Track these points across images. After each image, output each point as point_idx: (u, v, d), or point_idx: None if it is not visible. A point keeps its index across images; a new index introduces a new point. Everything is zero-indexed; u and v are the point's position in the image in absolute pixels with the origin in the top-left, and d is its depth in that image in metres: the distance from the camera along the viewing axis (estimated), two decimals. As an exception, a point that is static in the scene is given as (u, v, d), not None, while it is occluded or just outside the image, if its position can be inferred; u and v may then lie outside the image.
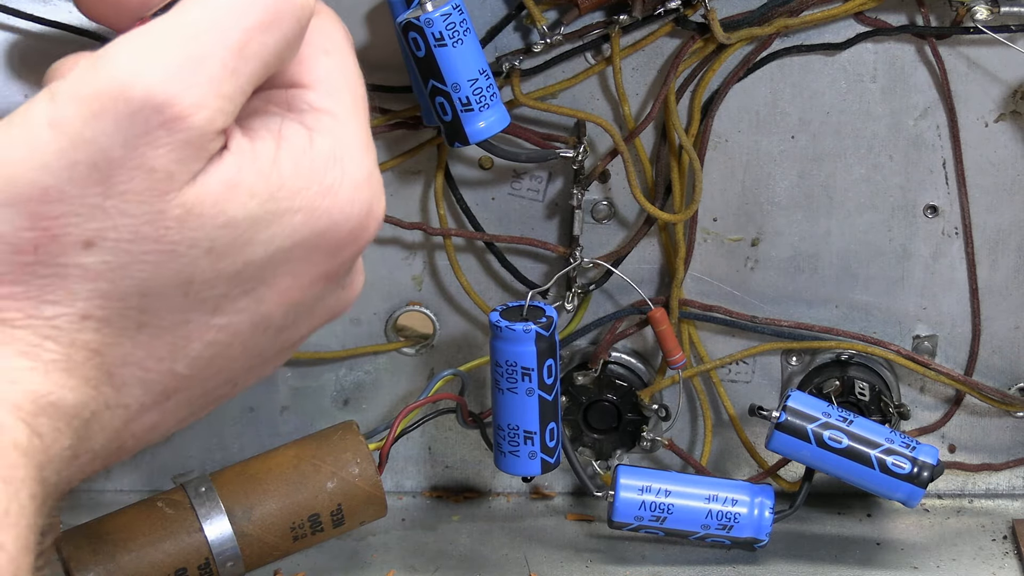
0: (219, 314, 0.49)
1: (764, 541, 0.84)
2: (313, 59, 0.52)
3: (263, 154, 0.49)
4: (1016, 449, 0.91)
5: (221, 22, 0.48)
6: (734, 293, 0.89)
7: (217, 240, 0.48)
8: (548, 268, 0.89)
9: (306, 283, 0.51)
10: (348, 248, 0.51)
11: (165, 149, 0.46)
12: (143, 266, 0.47)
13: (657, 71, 0.85)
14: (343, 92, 0.52)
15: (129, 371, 0.48)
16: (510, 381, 0.78)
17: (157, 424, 0.50)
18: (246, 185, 0.48)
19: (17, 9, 0.81)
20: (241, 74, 0.48)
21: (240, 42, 0.48)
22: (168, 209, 0.47)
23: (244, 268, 0.48)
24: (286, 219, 0.49)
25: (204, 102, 0.47)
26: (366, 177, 0.51)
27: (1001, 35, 0.82)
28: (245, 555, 0.78)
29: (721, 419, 0.91)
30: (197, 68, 0.47)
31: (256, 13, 0.48)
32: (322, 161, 0.50)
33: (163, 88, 0.46)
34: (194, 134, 0.46)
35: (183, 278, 0.48)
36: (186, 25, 0.47)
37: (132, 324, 0.48)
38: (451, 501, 0.93)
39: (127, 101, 0.46)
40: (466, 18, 0.76)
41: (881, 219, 0.87)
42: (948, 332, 0.90)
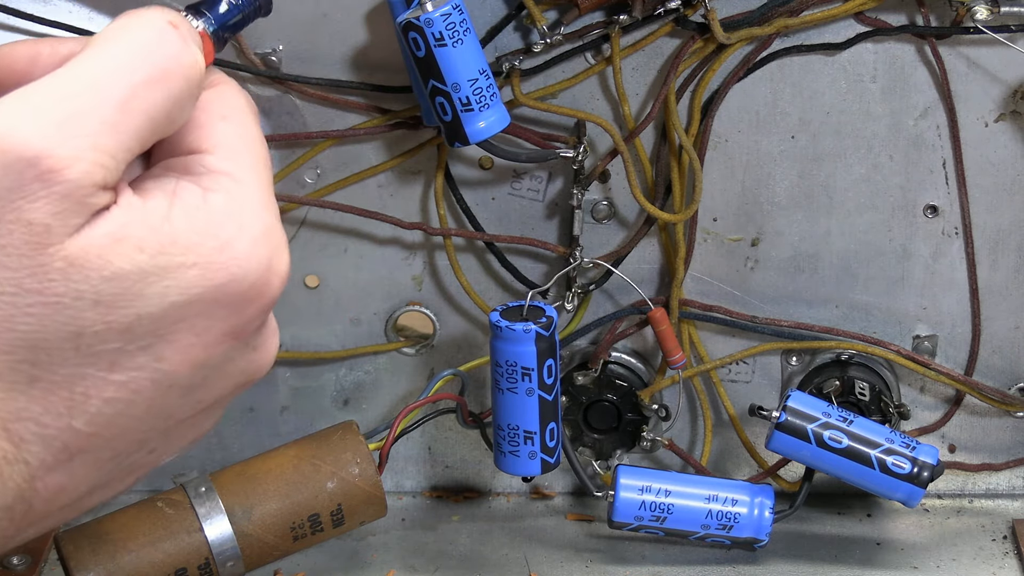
0: (116, 370, 0.49)
1: (764, 541, 0.84)
2: (210, 125, 0.52)
3: (154, 210, 0.49)
4: (1016, 449, 0.91)
5: (103, 78, 0.48)
6: (734, 293, 0.89)
7: (103, 292, 0.47)
8: (548, 268, 0.89)
9: (210, 341, 0.50)
10: (251, 304, 0.50)
11: (41, 203, 0.46)
12: (29, 319, 0.47)
13: (657, 71, 0.85)
14: (242, 154, 0.52)
15: (25, 426, 0.48)
16: (510, 381, 0.78)
17: (65, 486, 0.50)
18: (134, 238, 0.48)
19: (17, 9, 0.81)
20: (124, 130, 0.48)
21: (122, 98, 0.48)
22: (50, 262, 0.47)
23: (137, 322, 0.48)
24: (179, 273, 0.49)
25: (80, 155, 0.47)
26: (264, 232, 0.50)
27: (1001, 35, 0.82)
28: (245, 555, 0.78)
29: (721, 419, 0.91)
30: (74, 122, 0.47)
31: (140, 70, 0.49)
32: (217, 216, 0.50)
33: (38, 142, 0.46)
34: (71, 187, 0.46)
35: (72, 331, 0.47)
36: (67, 81, 0.48)
37: (23, 378, 0.47)
38: (451, 501, 0.93)
39: (2, 153, 0.46)
40: (466, 18, 0.76)
41: (881, 219, 0.87)
42: (948, 332, 0.90)
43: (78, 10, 0.82)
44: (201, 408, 0.52)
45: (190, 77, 0.50)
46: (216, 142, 0.52)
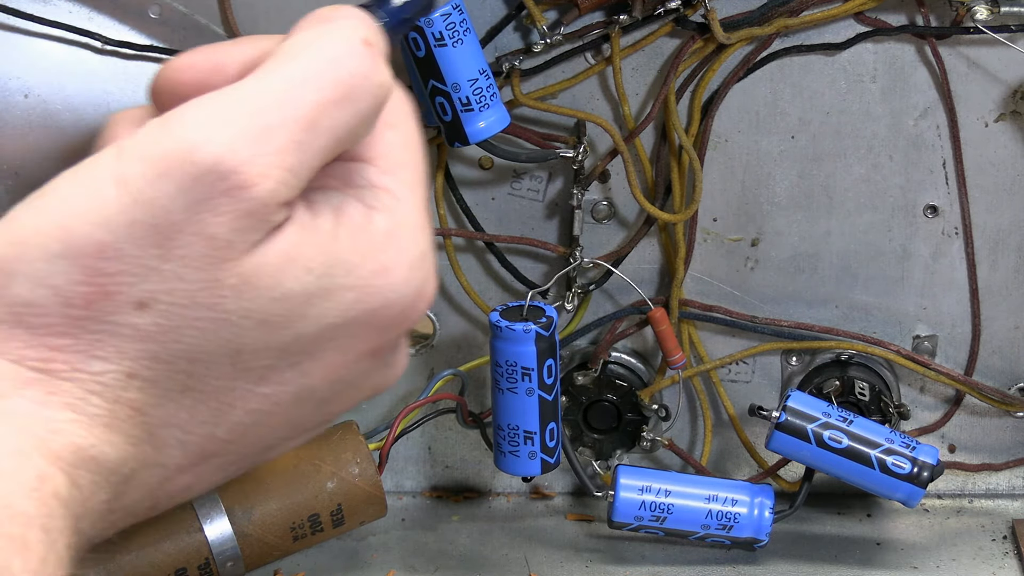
0: (264, 384, 0.48)
1: (764, 541, 0.84)
2: (378, 133, 0.51)
3: (322, 228, 0.48)
4: (1016, 449, 0.91)
5: (295, 93, 0.47)
6: (734, 293, 0.89)
7: (270, 313, 0.47)
8: (548, 268, 0.89)
9: (352, 359, 0.50)
10: (397, 327, 0.50)
11: (226, 217, 0.46)
12: (194, 332, 0.47)
13: (657, 71, 0.85)
14: (405, 168, 0.51)
15: (170, 432, 0.48)
16: (510, 381, 0.78)
17: (191, 486, 0.50)
18: (304, 259, 0.47)
19: (17, 9, 0.81)
20: (309, 148, 0.47)
21: (311, 116, 0.47)
22: (225, 278, 0.46)
23: (294, 342, 0.48)
24: (339, 296, 0.48)
25: (269, 173, 0.46)
26: (420, 257, 0.50)
27: (1001, 35, 0.82)
28: (245, 555, 0.78)
29: (721, 419, 0.91)
30: (265, 138, 0.46)
31: (332, 88, 0.47)
32: (379, 239, 0.49)
33: (230, 155, 0.45)
34: (256, 204, 0.46)
35: (233, 348, 0.47)
36: (259, 94, 0.47)
37: (177, 387, 0.47)
38: (451, 501, 0.93)
39: (193, 164, 0.45)
40: (466, 18, 0.76)
41: (881, 219, 0.87)
42: (948, 332, 0.90)
43: (78, 10, 0.82)
44: (327, 418, 0.52)
45: (378, 96, 0.49)
46: (380, 152, 0.51)
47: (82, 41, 0.82)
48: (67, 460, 0.45)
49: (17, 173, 0.83)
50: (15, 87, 0.82)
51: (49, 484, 0.45)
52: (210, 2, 0.82)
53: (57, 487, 0.45)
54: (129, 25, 0.82)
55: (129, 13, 0.82)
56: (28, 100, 0.82)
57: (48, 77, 0.82)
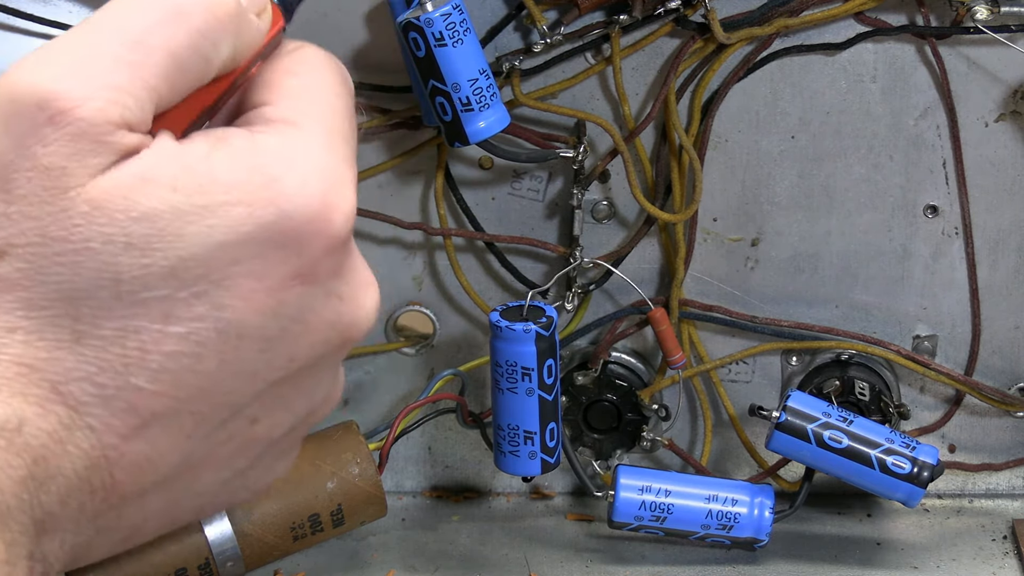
0: (172, 321, 0.47)
1: (764, 541, 0.84)
2: (276, 81, 0.50)
3: (192, 151, 0.47)
4: (1016, 449, 0.91)
5: (116, 21, 0.47)
6: (734, 293, 0.89)
7: (134, 234, 0.46)
8: (548, 268, 0.89)
9: (273, 284, 0.48)
10: (312, 243, 0.48)
11: (56, 145, 0.45)
12: (60, 268, 0.46)
13: (657, 71, 0.85)
14: (306, 103, 0.50)
15: (79, 387, 0.46)
16: (510, 381, 0.78)
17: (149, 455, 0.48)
18: (166, 178, 0.46)
19: (17, 9, 0.81)
20: (142, 66, 0.47)
21: (135, 36, 0.47)
22: (72, 206, 0.45)
23: (181, 265, 0.46)
24: (222, 211, 0.46)
25: (92, 93, 0.46)
26: (318, 167, 0.48)
27: (1001, 35, 0.82)
28: (245, 555, 0.78)
29: (721, 419, 0.91)
30: (85, 63, 0.46)
31: (155, 8, 0.47)
32: (265, 155, 0.48)
33: (47, 85, 0.45)
34: (84, 126, 0.45)
35: (107, 277, 0.46)
36: (81, 29, 0.47)
37: (67, 334, 0.46)
38: (451, 501, 0.93)
39: (11, 101, 0.45)
40: (466, 18, 0.76)
41: (881, 219, 0.87)
42: (948, 332, 0.90)
43: (78, 10, 0.82)
44: (296, 367, 0.49)
45: (216, 11, 0.48)
46: (279, 96, 0.50)
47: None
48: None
49: (17, 173, 0.83)
50: (15, 87, 0.82)
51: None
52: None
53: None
54: (129, 25, 0.82)
55: (129, 13, 0.82)
56: None
57: (48, 77, 0.82)
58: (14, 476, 0.45)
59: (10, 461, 0.45)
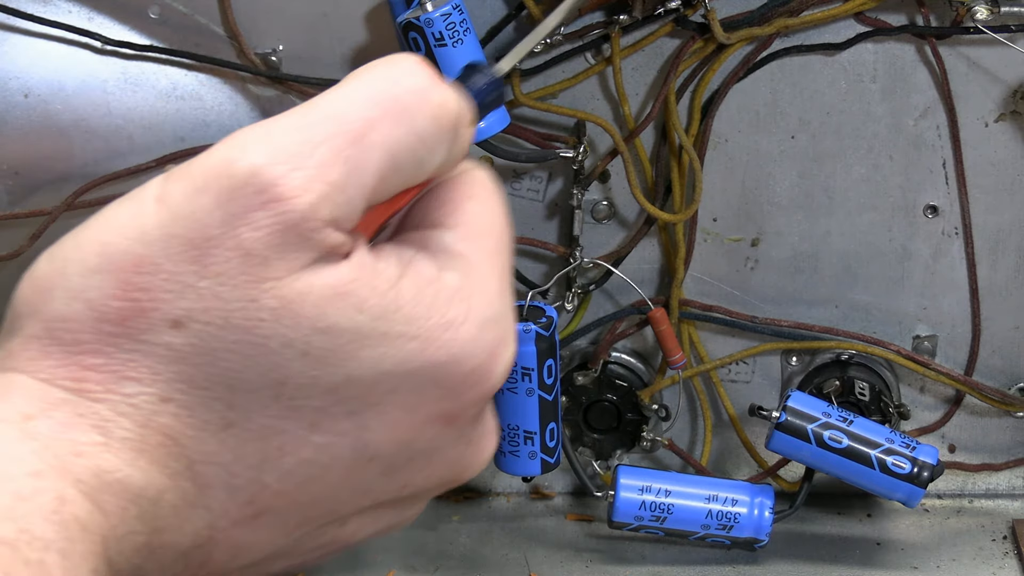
0: (317, 431, 0.47)
1: (764, 541, 0.84)
2: (455, 202, 0.50)
3: (384, 273, 0.47)
4: (1016, 449, 0.91)
5: (340, 111, 0.46)
6: (734, 293, 0.89)
7: (313, 345, 0.45)
8: (548, 268, 0.89)
9: (419, 420, 0.48)
10: (469, 391, 0.48)
11: (263, 232, 0.44)
12: (231, 356, 0.45)
13: (657, 71, 0.85)
14: (482, 237, 0.50)
15: (213, 471, 0.46)
16: (510, 381, 0.78)
17: (248, 544, 0.48)
18: (357, 297, 0.46)
19: (17, 9, 0.81)
20: (358, 165, 0.46)
21: (359, 130, 0.46)
22: (262, 298, 0.45)
23: (345, 384, 0.46)
24: (399, 343, 0.46)
25: (309, 186, 0.44)
26: (493, 318, 0.48)
27: (1001, 35, 0.82)
28: (245, 555, 0.78)
29: (721, 419, 0.91)
30: (307, 152, 0.45)
31: (383, 102, 0.46)
32: (447, 294, 0.47)
33: (267, 168, 0.44)
34: (294, 218, 0.44)
35: (274, 379, 0.45)
36: (305, 113, 0.46)
37: (217, 419, 0.46)
38: (451, 501, 0.93)
39: (230, 178, 0.44)
40: (466, 18, 0.76)
41: (881, 219, 0.87)
42: (948, 332, 0.90)
43: (78, 10, 0.82)
44: (404, 494, 0.50)
45: (438, 117, 0.47)
46: (458, 220, 0.50)
47: (82, 41, 0.82)
48: (90, 483, 0.44)
49: (17, 173, 0.83)
50: (15, 87, 0.82)
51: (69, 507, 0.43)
52: (210, 2, 0.82)
53: (77, 511, 0.44)
54: (129, 25, 0.82)
55: (129, 13, 0.82)
56: (28, 100, 0.82)
57: (48, 77, 0.82)
58: (135, 543, 0.45)
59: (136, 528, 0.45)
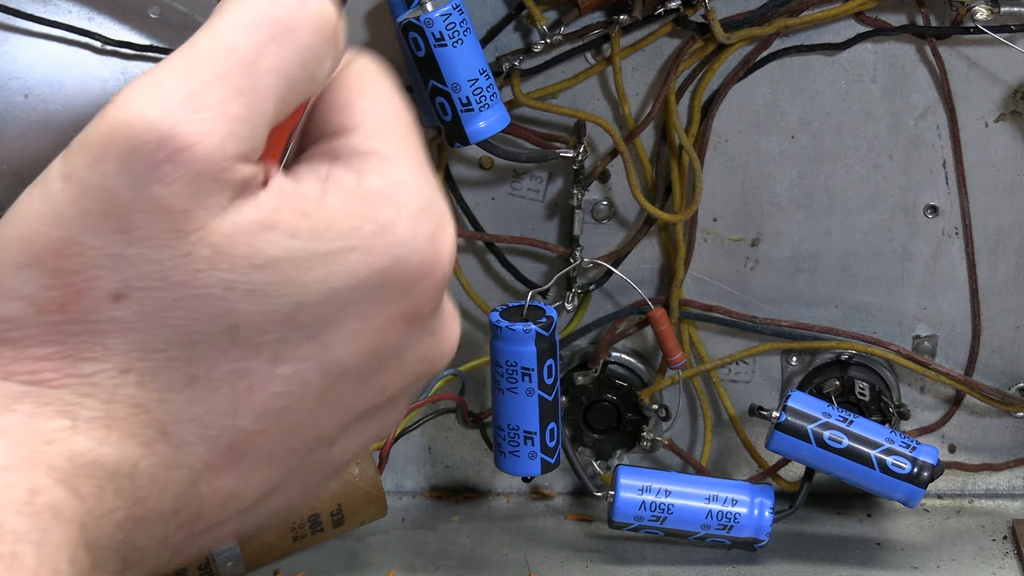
0: (281, 362, 0.46)
1: (764, 541, 0.84)
2: (351, 102, 0.49)
3: (307, 194, 0.46)
4: (1016, 449, 0.91)
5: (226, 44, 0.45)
6: (734, 293, 0.89)
7: (256, 281, 0.45)
8: (548, 268, 0.89)
9: (380, 326, 0.47)
10: (420, 284, 0.48)
11: (176, 185, 0.44)
12: (179, 312, 0.44)
13: (657, 71, 0.85)
14: (389, 129, 0.49)
15: (186, 428, 0.46)
16: (510, 381, 0.78)
17: (239, 488, 0.47)
18: (285, 224, 0.45)
19: (17, 9, 0.81)
20: (255, 92, 0.45)
21: (247, 60, 0.45)
22: (195, 250, 0.44)
23: (297, 310, 0.46)
24: (339, 259, 0.46)
25: (211, 128, 0.44)
26: (423, 207, 0.47)
27: (1001, 35, 0.82)
28: (245, 555, 0.78)
29: (721, 419, 0.91)
30: (200, 94, 0.44)
31: (263, 26, 0.46)
32: (374, 199, 0.47)
33: (162, 120, 0.43)
34: (205, 163, 0.44)
35: (226, 324, 0.45)
36: (190, 54, 0.45)
37: (180, 377, 0.45)
38: (451, 501, 0.93)
39: (128, 138, 0.43)
40: (466, 18, 0.76)
41: (881, 219, 0.87)
42: (948, 332, 0.90)
43: (78, 10, 0.82)
44: (383, 399, 0.49)
45: (321, 27, 0.47)
46: (359, 120, 0.49)
47: (82, 41, 0.82)
48: (64, 469, 0.44)
49: (17, 173, 0.83)
50: (15, 87, 0.82)
51: (42, 497, 0.43)
52: (210, 2, 0.82)
53: (52, 499, 0.43)
54: (129, 25, 0.82)
55: (129, 13, 0.82)
56: (28, 100, 0.82)
57: (48, 77, 0.82)
58: (115, 519, 0.45)
59: (115, 504, 0.45)
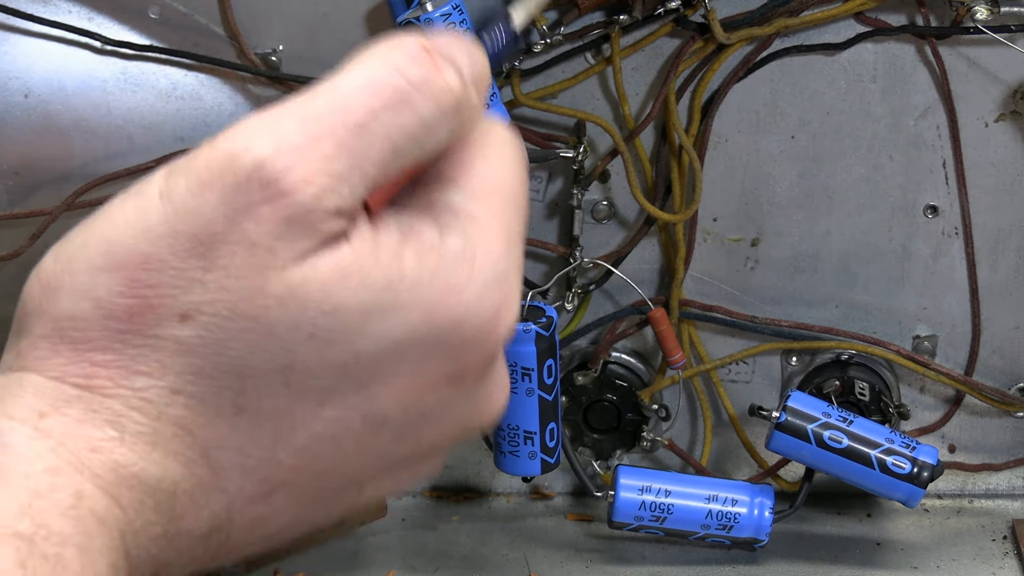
0: (327, 406, 0.47)
1: (764, 541, 0.84)
2: (468, 160, 0.49)
3: (385, 245, 0.47)
4: (1016, 449, 0.91)
5: (343, 102, 0.46)
6: (734, 293, 0.89)
7: (320, 327, 0.46)
8: (548, 268, 0.89)
9: (425, 384, 0.48)
10: (472, 352, 0.48)
11: (268, 225, 0.45)
12: (239, 345, 0.45)
13: (657, 71, 0.85)
14: (491, 195, 0.49)
15: (227, 455, 0.47)
16: (510, 381, 0.78)
17: (265, 518, 0.48)
18: (361, 274, 0.46)
19: (17, 9, 0.81)
20: (361, 154, 0.46)
21: (361, 121, 0.46)
22: (268, 287, 0.45)
23: (353, 361, 0.46)
24: (402, 314, 0.46)
25: (311, 179, 0.45)
26: (496, 278, 0.48)
27: (1001, 35, 0.82)
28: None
29: (721, 419, 0.91)
30: (309, 145, 0.45)
31: (384, 92, 0.46)
32: (450, 258, 0.47)
33: (270, 162, 0.45)
34: (298, 210, 0.45)
35: (283, 363, 0.46)
36: (306, 104, 0.46)
37: (228, 406, 0.46)
38: (451, 501, 0.93)
39: (234, 173, 0.45)
40: (466, 18, 0.76)
41: (881, 219, 0.87)
42: (948, 332, 0.90)
43: (78, 10, 0.82)
44: (417, 454, 0.50)
45: (441, 101, 0.47)
46: (467, 177, 0.49)
47: (82, 41, 0.82)
48: (106, 479, 0.45)
49: (17, 173, 0.83)
50: (15, 87, 0.82)
51: (86, 503, 0.44)
52: (210, 2, 0.82)
53: (95, 506, 0.44)
54: (129, 25, 0.82)
55: (129, 13, 0.82)
56: (28, 100, 0.82)
57: (48, 77, 0.82)
58: (151, 533, 0.46)
59: (153, 520, 0.46)
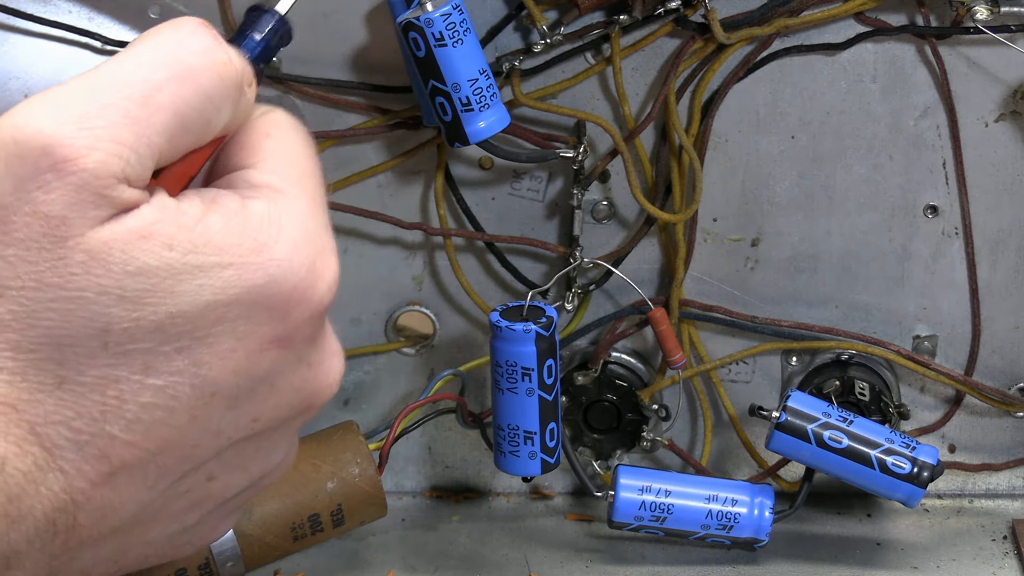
0: (152, 373, 0.47)
1: (764, 541, 0.84)
2: (255, 143, 0.52)
3: (188, 211, 0.48)
4: (1016, 449, 0.91)
5: (126, 74, 0.48)
6: (734, 293, 0.89)
7: (128, 287, 0.47)
8: (548, 268, 0.89)
9: (252, 346, 0.49)
10: (295, 309, 0.49)
11: (57, 193, 0.46)
12: (51, 314, 0.46)
13: (657, 71, 0.85)
14: (286, 167, 0.51)
15: (56, 430, 0.47)
16: (510, 381, 0.78)
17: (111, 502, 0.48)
18: (162, 236, 0.47)
19: (17, 9, 0.81)
20: (146, 123, 0.47)
21: (144, 92, 0.48)
22: (70, 255, 0.46)
23: (169, 320, 0.47)
24: (213, 272, 0.48)
25: (96, 145, 0.46)
26: (305, 235, 0.49)
27: (1001, 35, 0.82)
28: (245, 555, 0.78)
29: (721, 419, 0.91)
30: (92, 114, 0.47)
31: (165, 66, 0.48)
32: (255, 221, 0.49)
33: (53, 132, 0.46)
34: (86, 177, 0.46)
35: (97, 327, 0.47)
36: (91, 79, 0.48)
37: (50, 378, 0.47)
38: (451, 501, 0.93)
39: (15, 144, 0.46)
40: (466, 18, 0.76)
41: (881, 219, 0.87)
42: (948, 332, 0.90)
43: (78, 10, 0.82)
44: (258, 429, 0.50)
45: (224, 75, 0.49)
46: (260, 157, 0.51)
47: (82, 41, 0.82)
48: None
49: (17, 173, 0.83)
50: (15, 87, 0.82)
51: None
52: (210, 2, 0.82)
53: None
54: (129, 25, 0.82)
55: (129, 13, 0.82)
56: (28, 100, 0.82)
57: (48, 77, 0.82)
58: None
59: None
